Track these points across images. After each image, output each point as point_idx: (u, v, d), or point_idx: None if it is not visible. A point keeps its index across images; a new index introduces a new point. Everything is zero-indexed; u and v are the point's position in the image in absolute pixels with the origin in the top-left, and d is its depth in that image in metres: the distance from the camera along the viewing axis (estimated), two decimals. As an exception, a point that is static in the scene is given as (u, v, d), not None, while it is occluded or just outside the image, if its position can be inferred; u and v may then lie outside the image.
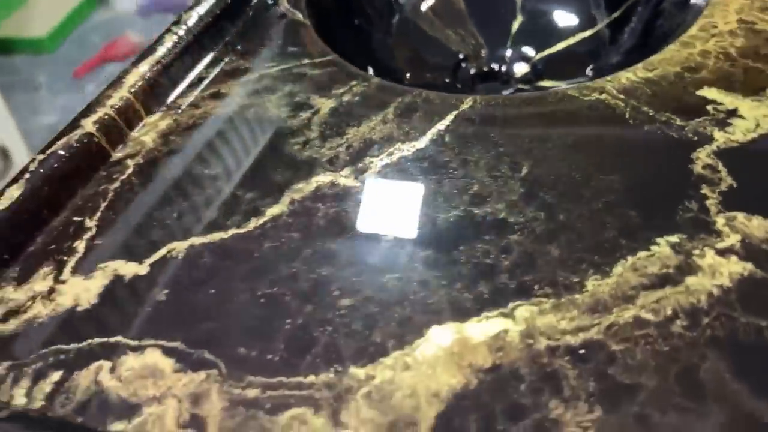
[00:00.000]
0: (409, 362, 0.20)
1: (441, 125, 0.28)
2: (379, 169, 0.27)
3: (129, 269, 0.24)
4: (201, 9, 0.34)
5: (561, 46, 0.48)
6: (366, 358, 0.20)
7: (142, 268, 0.24)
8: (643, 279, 0.22)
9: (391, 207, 0.25)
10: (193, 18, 0.34)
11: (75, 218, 0.26)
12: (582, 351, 0.20)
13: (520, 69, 0.48)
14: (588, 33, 0.48)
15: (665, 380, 0.19)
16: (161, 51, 0.31)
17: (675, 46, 0.32)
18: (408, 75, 0.43)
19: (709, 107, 0.28)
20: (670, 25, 0.40)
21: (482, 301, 0.22)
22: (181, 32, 0.33)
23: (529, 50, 0.48)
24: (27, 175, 0.25)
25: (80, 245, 0.25)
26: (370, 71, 0.35)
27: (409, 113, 0.29)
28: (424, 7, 0.49)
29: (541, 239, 0.23)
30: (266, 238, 0.24)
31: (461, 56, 0.49)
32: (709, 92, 0.29)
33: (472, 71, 0.48)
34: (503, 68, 0.49)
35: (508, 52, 0.49)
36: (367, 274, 0.23)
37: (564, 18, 0.49)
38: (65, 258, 0.24)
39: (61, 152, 0.27)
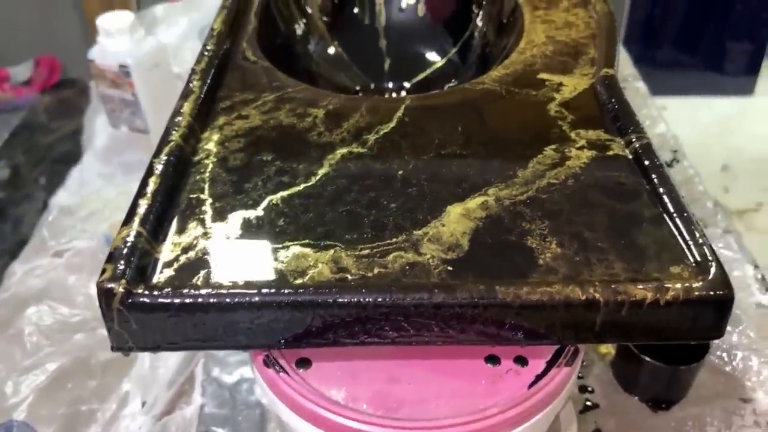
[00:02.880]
0: (443, 223, 0.36)
1: (399, 113, 0.45)
2: (374, 141, 0.42)
3: (250, 214, 0.37)
4: (202, 64, 0.48)
5: (422, 75, 0.68)
6: (419, 225, 0.36)
7: (259, 212, 0.37)
8: (545, 166, 0.40)
9: (392, 157, 0.41)
10: (202, 64, 0.47)
11: (191, 196, 0.38)
12: (528, 201, 0.37)
13: (400, 95, 0.67)
14: (438, 65, 0.68)
15: (572, 204, 0.37)
16: (196, 89, 0.45)
17: (515, 55, 0.52)
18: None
19: (547, 83, 0.48)
20: (498, 49, 0.61)
21: (468, 191, 0.38)
22: (198, 76, 0.46)
23: (403, 81, 0.67)
24: (158, 170, 0.37)
25: (206, 208, 0.37)
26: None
27: (375, 110, 0.45)
28: (322, 62, 0.66)
29: (485, 159, 0.41)
30: (327, 185, 0.39)
31: (356, 88, 0.66)
32: (544, 75, 0.49)
33: (366, 99, 0.65)
34: (387, 96, 0.67)
35: (390, 84, 0.67)
36: (398, 191, 0.38)
37: (420, 57, 0.69)
38: (202, 216, 0.37)
39: (166, 156, 0.39)
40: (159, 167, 0.38)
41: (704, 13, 2.08)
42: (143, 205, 0.35)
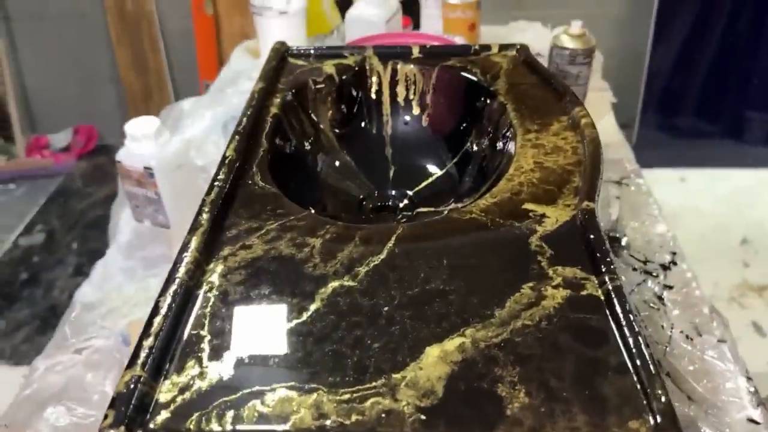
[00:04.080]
0: (421, 366, 0.39)
1: (390, 244, 0.48)
2: (365, 274, 0.46)
3: (244, 352, 0.40)
4: (212, 195, 0.52)
5: (424, 184, 0.72)
6: (398, 368, 0.39)
7: (252, 350, 0.40)
8: (521, 306, 0.43)
9: (380, 292, 0.44)
10: (212, 195, 0.51)
11: (192, 332, 0.42)
12: (502, 344, 0.40)
13: (402, 202, 0.70)
14: (438, 174, 0.72)
15: (544, 348, 0.40)
16: (204, 222, 0.49)
17: (504, 182, 0.55)
18: (336, 214, 0.63)
19: (531, 214, 0.51)
20: (493, 165, 0.64)
21: (447, 331, 0.41)
22: (208, 207, 0.50)
23: (405, 189, 0.71)
24: (163, 310, 0.41)
25: (204, 346, 0.40)
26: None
27: (369, 239, 0.49)
28: (330, 170, 0.70)
29: (465, 295, 0.44)
30: (317, 322, 0.42)
31: (361, 197, 0.70)
32: (528, 206, 0.52)
33: (371, 206, 0.69)
34: (390, 203, 0.70)
35: (392, 192, 0.71)
36: (382, 329, 0.41)
37: (422, 166, 0.73)
38: (200, 354, 0.40)
39: (172, 295, 0.43)
40: (164, 306, 0.42)
41: (723, 83, 2.10)
42: (146, 347, 0.39)
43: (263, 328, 0.42)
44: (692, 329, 0.67)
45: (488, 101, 0.69)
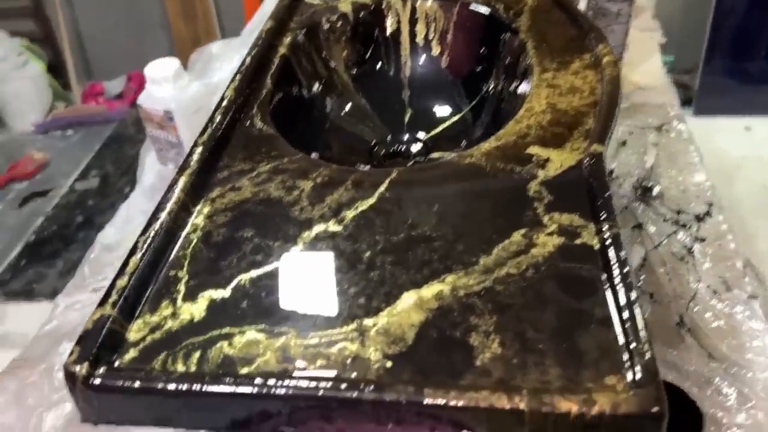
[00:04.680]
0: (395, 312, 0.37)
1: (382, 188, 0.46)
2: (351, 218, 0.44)
3: (218, 294, 0.39)
4: (204, 136, 0.51)
5: (440, 128, 0.69)
6: (372, 313, 0.37)
7: (227, 292, 0.39)
8: (509, 253, 0.40)
9: (363, 237, 0.43)
10: (204, 137, 0.50)
11: (170, 273, 0.41)
12: (482, 292, 0.38)
13: (416, 147, 0.68)
14: (456, 118, 0.69)
15: (526, 297, 0.37)
16: (193, 164, 0.48)
17: (512, 123, 0.52)
18: (345, 159, 0.61)
19: (534, 158, 0.48)
20: (509, 108, 0.61)
21: (426, 277, 0.39)
22: (199, 149, 0.49)
23: (420, 133, 0.68)
24: (140, 251, 0.41)
25: (181, 287, 0.40)
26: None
27: (361, 183, 0.47)
28: (342, 113, 0.68)
29: (452, 241, 0.42)
30: (295, 266, 0.41)
31: (373, 142, 0.68)
32: (533, 149, 0.49)
33: (383, 152, 0.67)
34: (403, 148, 0.68)
35: (406, 136, 0.68)
36: (361, 274, 0.40)
37: (439, 109, 0.70)
38: (175, 295, 0.40)
39: (154, 233, 0.42)
40: (143, 246, 0.41)
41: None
42: (119, 287, 0.39)
43: (242, 271, 0.41)
44: (721, 284, 0.63)
45: (508, 39, 0.65)
